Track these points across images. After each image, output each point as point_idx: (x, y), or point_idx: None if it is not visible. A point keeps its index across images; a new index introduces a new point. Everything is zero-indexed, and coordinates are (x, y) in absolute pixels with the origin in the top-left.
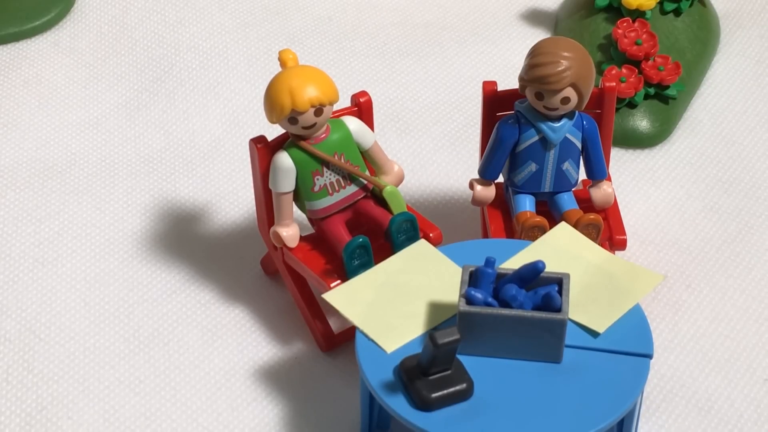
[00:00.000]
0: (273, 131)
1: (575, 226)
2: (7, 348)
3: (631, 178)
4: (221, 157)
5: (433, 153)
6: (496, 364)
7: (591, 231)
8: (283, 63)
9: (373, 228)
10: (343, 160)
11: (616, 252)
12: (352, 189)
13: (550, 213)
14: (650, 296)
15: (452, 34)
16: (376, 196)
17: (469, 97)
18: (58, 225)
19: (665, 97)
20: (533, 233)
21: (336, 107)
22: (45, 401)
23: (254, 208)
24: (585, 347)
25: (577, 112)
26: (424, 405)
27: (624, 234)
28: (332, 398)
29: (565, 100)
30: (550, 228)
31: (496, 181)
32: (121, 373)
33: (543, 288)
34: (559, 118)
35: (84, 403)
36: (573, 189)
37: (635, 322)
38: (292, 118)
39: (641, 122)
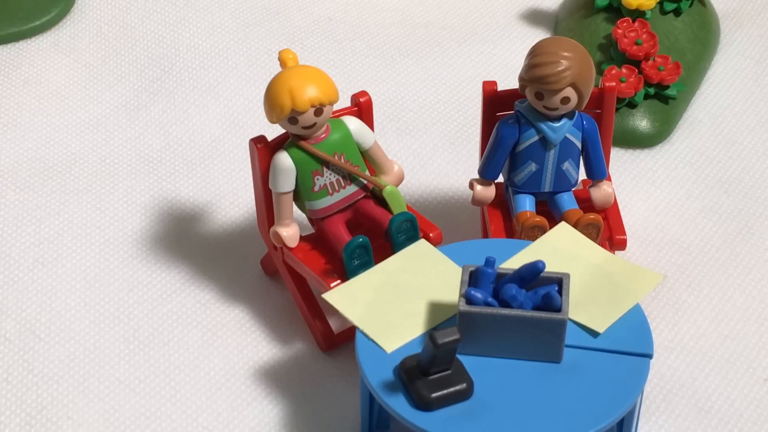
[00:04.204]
0: (273, 131)
1: (575, 226)
2: (7, 348)
3: (631, 178)
4: (221, 157)
5: (433, 153)
6: (496, 364)
7: (591, 231)
8: (283, 63)
9: (373, 228)
10: (343, 160)
11: (616, 252)
12: (352, 189)
13: (550, 213)
14: (650, 296)
15: (452, 34)
16: (376, 196)
17: (469, 97)
18: (58, 225)
19: (665, 97)
20: (533, 233)
21: (336, 107)
22: (45, 401)
23: (254, 208)
24: (585, 347)
25: (577, 112)
26: (424, 405)
27: (624, 234)
28: (332, 398)
29: (565, 100)
30: (550, 228)
31: (496, 181)
32: (121, 373)
33: (543, 288)
34: (559, 118)
35: (84, 403)
36: (573, 189)
37: (635, 322)
38: (292, 118)
39: (641, 122)
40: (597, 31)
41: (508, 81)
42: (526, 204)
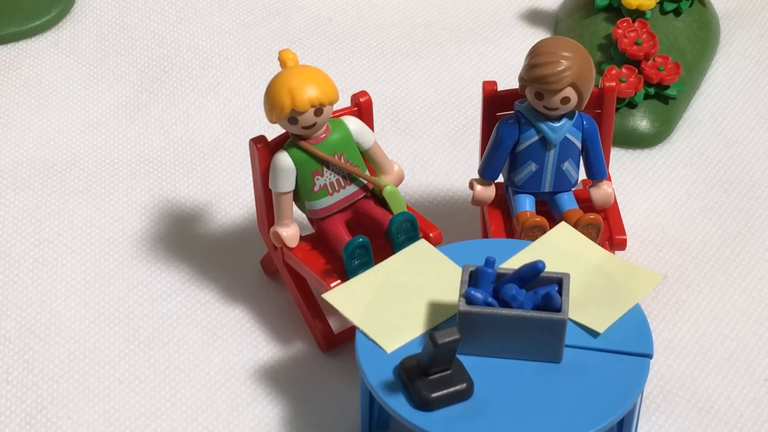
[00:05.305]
0: (273, 131)
1: (575, 226)
2: (7, 348)
3: (631, 178)
4: (221, 157)
5: (433, 153)
6: (496, 364)
7: (591, 231)
8: (283, 63)
9: (373, 228)
10: (343, 160)
11: (616, 252)
12: (352, 189)
13: (550, 213)
14: (650, 296)
15: (452, 34)
16: (376, 196)
17: (469, 97)
18: (58, 225)
19: (665, 97)
20: (533, 233)
21: (336, 107)
22: (45, 401)
23: (254, 208)
24: (585, 347)
25: (577, 112)
26: (424, 405)
27: (624, 234)
28: (332, 398)
29: (565, 100)
30: (550, 228)
31: (496, 181)
32: (121, 373)
33: (543, 288)
34: (559, 118)
35: (84, 403)
36: (573, 189)
37: (635, 322)
38: (292, 118)
39: (641, 122)
40: (597, 31)
41: (508, 81)
42: (526, 204)
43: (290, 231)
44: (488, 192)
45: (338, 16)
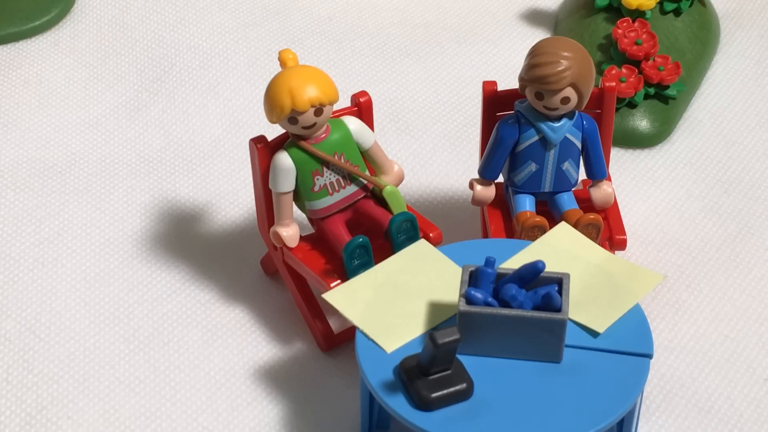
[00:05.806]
0: (273, 131)
1: (575, 226)
2: (7, 348)
3: (631, 178)
4: (221, 157)
5: (433, 153)
6: (496, 364)
7: (591, 231)
8: (283, 63)
9: (373, 228)
10: (343, 160)
11: (616, 252)
12: (352, 189)
13: (550, 213)
14: (650, 296)
15: (452, 34)
16: (376, 196)
17: (469, 97)
18: (58, 225)
19: (665, 97)
20: (533, 233)
21: (336, 107)
22: (45, 401)
23: (254, 208)
24: (585, 347)
25: (577, 111)
26: (424, 405)
27: (624, 234)
28: (332, 398)
29: (565, 100)
30: (550, 228)
31: (496, 181)
32: (121, 373)
33: (543, 288)
34: (559, 118)
35: (84, 403)
36: (573, 189)
37: (635, 322)
38: (292, 118)
39: (641, 122)
40: (597, 31)
41: (508, 81)
42: (526, 204)
43: (290, 231)
44: (488, 192)
45: (338, 16)
